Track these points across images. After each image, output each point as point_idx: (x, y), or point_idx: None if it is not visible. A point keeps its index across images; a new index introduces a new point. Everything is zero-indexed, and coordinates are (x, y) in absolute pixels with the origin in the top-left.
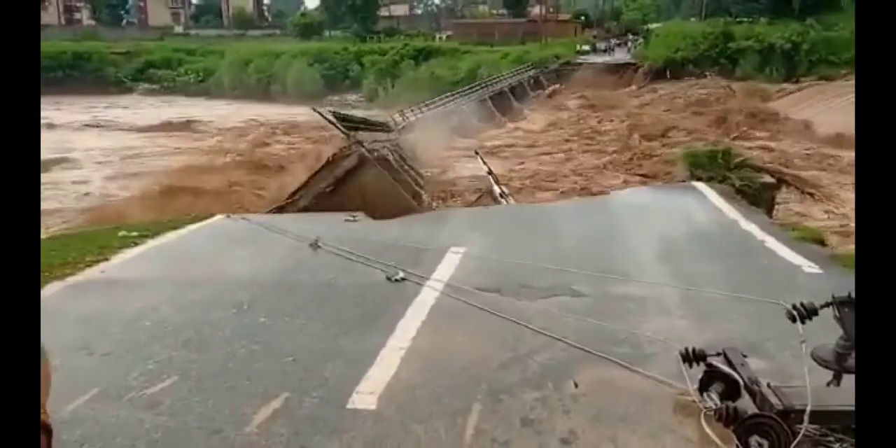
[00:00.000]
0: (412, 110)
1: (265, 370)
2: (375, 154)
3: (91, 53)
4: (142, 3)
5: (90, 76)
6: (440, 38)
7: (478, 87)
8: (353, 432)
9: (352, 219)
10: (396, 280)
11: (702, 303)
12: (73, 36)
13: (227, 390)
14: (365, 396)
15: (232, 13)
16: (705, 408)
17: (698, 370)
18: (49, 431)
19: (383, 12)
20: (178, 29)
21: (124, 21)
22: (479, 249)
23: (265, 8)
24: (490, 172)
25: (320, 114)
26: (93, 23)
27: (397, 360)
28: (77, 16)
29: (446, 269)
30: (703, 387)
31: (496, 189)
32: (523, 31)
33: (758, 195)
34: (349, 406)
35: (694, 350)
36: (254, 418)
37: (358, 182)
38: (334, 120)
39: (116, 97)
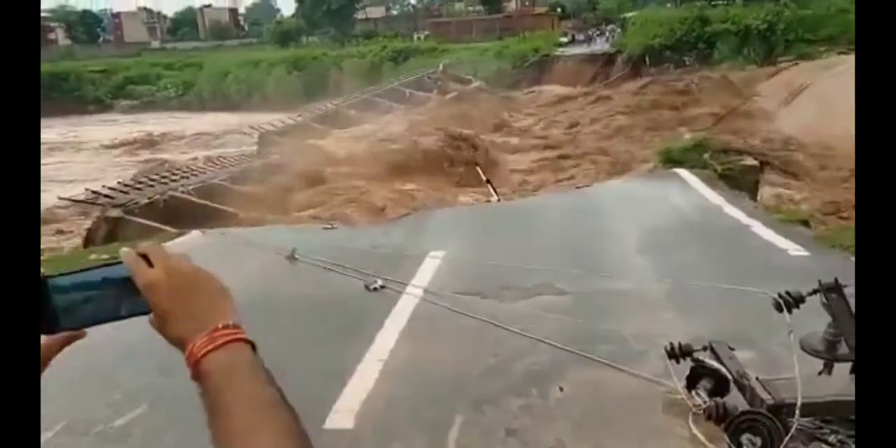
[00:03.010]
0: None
1: None
2: (143, 204)
3: (68, 73)
4: (117, 20)
5: (69, 96)
6: (418, 37)
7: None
8: None
9: (330, 227)
10: (374, 289)
11: (688, 294)
12: (49, 56)
13: (198, 417)
14: (342, 415)
15: (208, 25)
16: (694, 406)
17: (686, 366)
18: (255, 348)
19: (360, 15)
20: (155, 43)
21: (100, 39)
22: (459, 252)
23: (241, 17)
24: (488, 181)
25: (71, 200)
26: (69, 42)
27: (375, 373)
28: (52, 36)
29: (425, 274)
30: (691, 383)
31: (494, 198)
32: (500, 26)
33: (740, 178)
34: (326, 426)
35: (679, 345)
36: None
37: (119, 237)
38: (92, 196)
39: (92, 116)
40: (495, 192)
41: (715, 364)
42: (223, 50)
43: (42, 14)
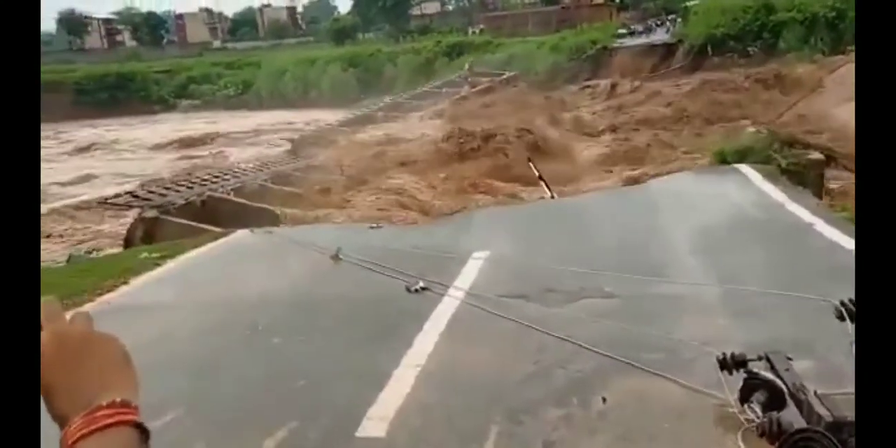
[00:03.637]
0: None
1: (274, 396)
2: (180, 205)
3: (134, 74)
4: (180, 22)
5: (135, 96)
6: (473, 32)
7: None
8: None
9: (376, 226)
10: (416, 290)
11: (744, 299)
12: (116, 58)
13: (232, 421)
14: (375, 422)
15: (267, 24)
16: (746, 421)
17: (740, 377)
18: (146, 433)
19: (415, 11)
20: (216, 43)
21: (164, 40)
22: (504, 253)
23: (299, 16)
24: (540, 177)
25: (111, 204)
26: (135, 44)
27: (412, 379)
28: (119, 38)
29: (468, 275)
30: (745, 396)
31: (547, 195)
32: (557, 18)
33: (804, 174)
34: (358, 434)
35: (733, 355)
36: None
37: (157, 236)
38: (131, 200)
39: (156, 115)
40: (548, 188)
41: (770, 376)
42: (281, 49)
43: (108, 16)
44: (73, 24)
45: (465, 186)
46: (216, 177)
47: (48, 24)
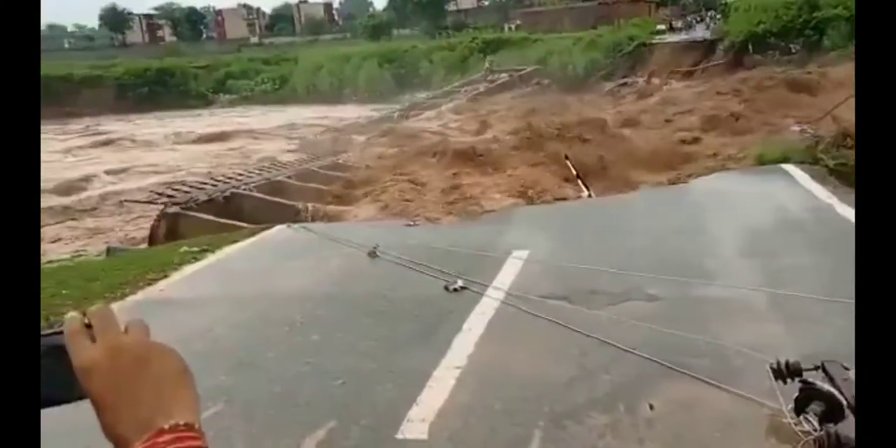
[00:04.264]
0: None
1: (313, 395)
2: (203, 201)
3: (174, 69)
4: (219, 18)
5: (174, 90)
6: (509, 28)
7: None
8: None
9: (412, 224)
10: (455, 289)
11: (794, 304)
12: (156, 54)
13: (272, 419)
14: (416, 424)
15: (304, 20)
16: (803, 433)
17: (794, 387)
18: None
19: (450, 7)
20: (254, 39)
21: (204, 36)
22: (544, 252)
23: (335, 12)
24: (578, 175)
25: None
26: (175, 39)
27: (452, 380)
28: (160, 33)
29: (508, 275)
30: (800, 407)
31: (584, 193)
32: (595, 15)
33: (854, 174)
34: (398, 436)
35: (787, 363)
36: None
37: (180, 232)
38: (153, 197)
39: (194, 110)
40: (586, 187)
41: (827, 387)
42: (317, 44)
43: (149, 12)
44: (115, 20)
45: (488, 184)
46: (241, 174)
47: (91, 20)
